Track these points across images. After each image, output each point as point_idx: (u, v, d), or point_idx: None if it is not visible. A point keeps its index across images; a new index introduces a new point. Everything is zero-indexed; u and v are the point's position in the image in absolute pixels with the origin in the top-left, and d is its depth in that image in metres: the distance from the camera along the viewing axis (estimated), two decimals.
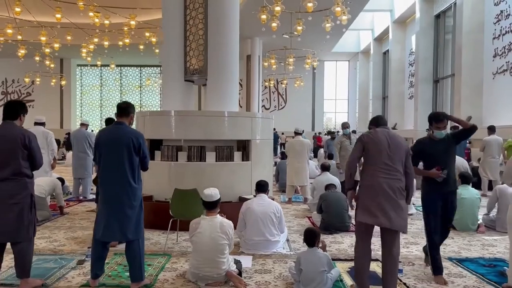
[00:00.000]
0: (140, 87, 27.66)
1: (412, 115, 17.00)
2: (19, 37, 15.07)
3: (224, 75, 5.81)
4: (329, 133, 12.52)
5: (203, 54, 5.84)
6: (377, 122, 3.40)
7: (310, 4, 10.23)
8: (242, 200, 5.19)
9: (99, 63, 20.46)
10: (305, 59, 17.32)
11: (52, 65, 21.39)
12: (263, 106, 25.06)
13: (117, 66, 23.58)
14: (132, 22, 13.35)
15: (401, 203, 3.06)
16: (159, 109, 26.51)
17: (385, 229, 3.04)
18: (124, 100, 27.10)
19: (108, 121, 6.50)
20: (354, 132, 15.41)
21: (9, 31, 13.22)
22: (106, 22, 13.34)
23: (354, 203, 3.15)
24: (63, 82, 23.51)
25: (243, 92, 21.76)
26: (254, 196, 5.43)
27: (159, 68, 26.90)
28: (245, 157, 5.63)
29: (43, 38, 14.53)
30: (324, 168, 6.31)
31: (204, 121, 5.55)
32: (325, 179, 6.18)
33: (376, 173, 3.08)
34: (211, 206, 3.33)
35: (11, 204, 3.13)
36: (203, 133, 5.48)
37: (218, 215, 3.35)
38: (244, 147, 5.66)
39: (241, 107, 24.56)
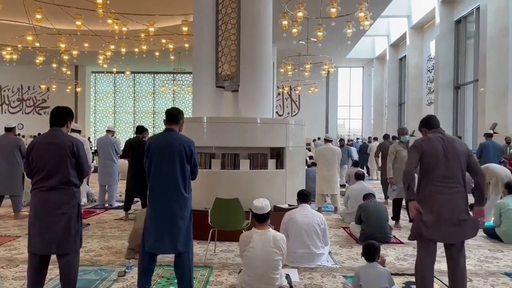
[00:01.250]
0: (154, 93, 27.72)
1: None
2: (37, 44, 15.17)
3: (257, 80, 5.68)
4: (341, 141, 12.23)
5: (235, 60, 5.73)
6: (429, 123, 3.22)
7: (333, 10, 10.13)
8: (277, 210, 5.03)
9: (114, 70, 20.53)
10: (322, 65, 17.19)
11: (68, 72, 21.58)
12: (276, 112, 24.94)
13: (131, 72, 23.69)
14: (151, 29, 13.36)
15: (464, 215, 2.90)
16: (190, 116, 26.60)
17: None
18: (137, 106, 27.21)
19: (139, 129, 6.42)
20: (376, 139, 15.17)
21: (29, 38, 13.29)
22: (124, 29, 13.37)
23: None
24: (78, 89, 23.66)
25: None
26: (289, 205, 5.33)
27: (172, 75, 26.98)
28: (279, 165, 5.47)
29: (62, 45, 14.62)
30: (358, 177, 6.13)
31: (237, 128, 5.41)
32: (360, 188, 6.00)
33: (434, 188, 2.92)
34: (262, 219, 3.18)
35: (59, 214, 3.01)
36: (236, 140, 5.34)
37: (270, 228, 3.19)
38: (278, 154, 5.51)
39: None
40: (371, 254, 3.02)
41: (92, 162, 8.23)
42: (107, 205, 7.18)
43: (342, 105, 26.35)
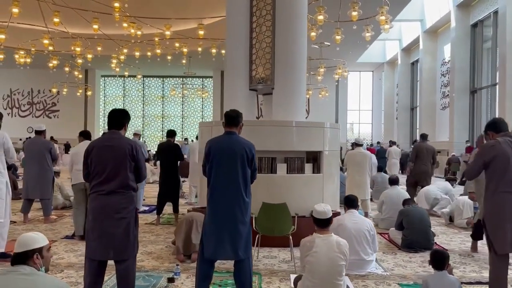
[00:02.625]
0: (163, 97, 27.74)
1: (445, 126, 16.63)
2: (50, 48, 15.17)
3: (292, 83, 5.60)
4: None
5: (270, 62, 5.66)
6: (497, 127, 3.13)
7: (355, 13, 10.08)
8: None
9: (126, 73, 20.54)
10: (335, 69, 17.13)
11: (80, 76, 21.62)
12: None
13: (142, 76, 23.74)
14: (167, 33, 13.34)
15: None
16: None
17: None
18: (146, 109, 27.19)
19: (170, 133, 6.36)
20: (394, 143, 15.04)
21: (46, 41, 13.29)
22: (138, 32, 13.35)
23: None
24: (89, 93, 23.70)
25: None
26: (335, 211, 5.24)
27: (181, 79, 26.98)
28: (316, 169, 5.39)
29: (78, 49, 14.63)
30: (393, 181, 6.03)
31: (273, 132, 5.33)
32: (395, 193, 5.90)
33: (504, 193, 2.84)
34: (325, 224, 3.08)
35: (118, 219, 2.93)
36: (272, 144, 5.26)
37: (332, 233, 3.10)
38: (314, 158, 5.43)
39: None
40: (440, 262, 2.93)
41: None
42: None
43: (352, 109, 26.28)
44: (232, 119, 3.14)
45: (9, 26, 13.01)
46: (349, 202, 4.13)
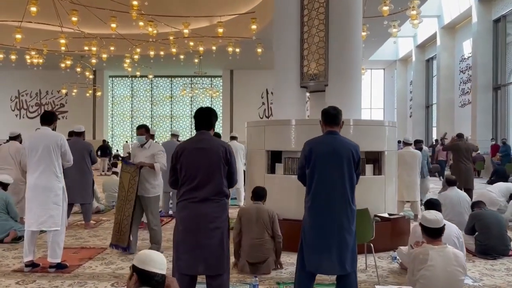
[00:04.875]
0: (171, 97, 27.42)
1: (465, 124, 16.34)
2: (63, 48, 14.86)
3: (347, 79, 5.31)
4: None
5: (323, 58, 5.36)
6: None
7: (386, 8, 9.79)
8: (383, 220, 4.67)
9: (138, 73, 20.25)
10: None
11: (91, 76, 21.34)
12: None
13: (154, 76, 23.44)
14: (185, 31, 13.04)
15: None
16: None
17: None
18: (154, 110, 26.86)
19: (216, 134, 6.07)
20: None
21: (62, 41, 12.99)
22: (154, 31, 13.05)
23: None
24: (98, 93, 23.38)
25: None
26: (389, 215, 4.96)
27: (190, 79, 26.69)
28: (377, 170, 5.09)
29: (94, 49, 14.33)
30: (451, 182, 5.73)
31: None
32: (455, 194, 5.60)
33: None
34: (437, 234, 2.79)
35: (212, 229, 2.64)
36: None
37: (447, 244, 2.81)
38: (374, 159, 5.13)
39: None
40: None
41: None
42: (171, 212, 6.80)
43: (363, 108, 25.96)
44: (333, 117, 2.84)
45: (20, 26, 12.72)
46: (432, 207, 3.83)
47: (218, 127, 26.41)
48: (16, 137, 6.02)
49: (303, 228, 2.78)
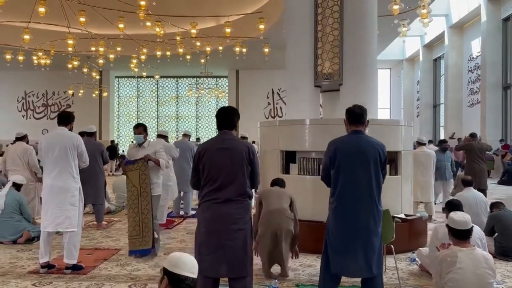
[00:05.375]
0: (177, 98, 27.44)
1: (473, 124, 16.19)
2: (70, 49, 14.87)
3: (362, 78, 5.25)
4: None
5: (338, 57, 5.30)
6: None
7: (396, 7, 9.71)
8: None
9: (144, 73, 20.25)
10: None
11: (98, 77, 21.38)
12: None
13: (160, 77, 23.44)
14: (193, 31, 13.01)
15: None
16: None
17: None
18: (160, 110, 26.84)
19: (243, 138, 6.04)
20: (431, 141, 14.55)
21: (70, 42, 13.00)
22: (162, 32, 13.03)
23: None
24: (104, 94, 23.44)
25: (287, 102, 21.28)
26: (406, 215, 4.89)
27: (195, 79, 26.69)
28: (393, 171, 5.02)
29: (101, 49, 14.34)
30: (467, 183, 5.64)
31: (344, 131, 4.95)
32: (471, 195, 5.50)
33: None
34: (466, 235, 2.72)
35: (235, 230, 2.59)
36: None
37: (475, 246, 2.74)
38: (390, 159, 5.05)
39: (280, 117, 24.12)
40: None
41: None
42: (182, 213, 6.76)
43: None
44: (358, 116, 2.78)
45: (28, 27, 12.74)
46: (453, 207, 3.76)
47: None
48: (22, 138, 6.00)
49: (328, 230, 2.73)
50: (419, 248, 4.13)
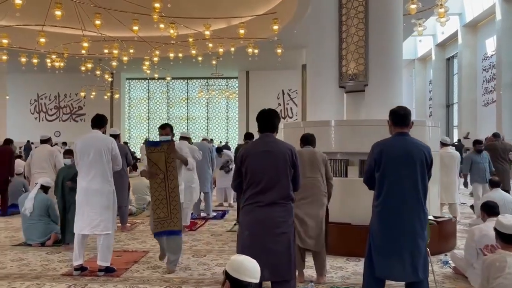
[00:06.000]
0: (187, 99, 27.54)
1: (488, 123, 16.01)
2: (83, 51, 14.99)
3: (388, 79, 5.21)
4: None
5: (363, 57, 5.27)
6: None
7: (413, 6, 9.63)
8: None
9: (156, 75, 20.36)
10: None
11: (110, 79, 21.52)
12: None
13: (164, 79, 23.54)
14: (207, 32, 13.04)
15: None
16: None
17: None
18: (170, 111, 26.92)
19: (248, 135, 6.03)
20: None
21: (85, 44, 13.11)
22: (175, 33, 13.07)
23: None
24: (116, 96, 23.61)
25: (298, 102, 21.30)
26: (434, 217, 4.83)
27: (206, 80, 26.76)
28: None
29: (115, 51, 14.43)
30: (495, 184, 5.56)
31: (372, 132, 4.90)
32: (499, 196, 5.42)
33: None
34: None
35: (278, 234, 2.58)
36: (371, 145, 4.85)
37: None
38: None
39: (291, 117, 24.09)
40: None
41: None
42: (204, 214, 6.76)
43: None
44: (402, 117, 2.74)
45: (43, 30, 12.87)
46: (491, 209, 3.72)
47: (234, 129, 26.43)
48: (47, 140, 6.05)
49: (372, 233, 2.69)
50: (453, 251, 4.08)
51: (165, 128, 4.30)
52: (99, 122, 3.87)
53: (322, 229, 3.57)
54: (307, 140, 3.87)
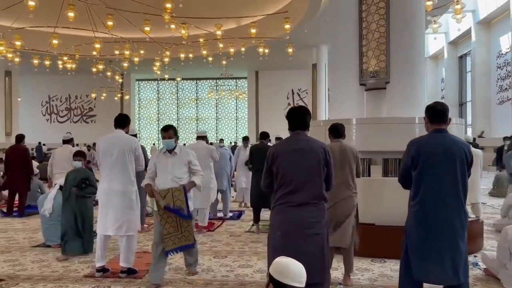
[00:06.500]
0: (197, 99, 27.57)
1: (504, 121, 15.75)
2: (94, 53, 15.03)
3: (410, 76, 5.09)
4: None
5: (384, 54, 5.15)
6: None
7: (429, 3, 9.49)
8: None
9: (166, 76, 20.39)
10: None
11: (120, 80, 21.61)
12: None
13: (174, 79, 23.59)
14: (218, 32, 12.99)
15: None
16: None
17: None
18: (180, 112, 26.91)
19: (264, 134, 5.97)
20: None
21: (97, 45, 13.14)
22: (186, 34, 13.04)
23: None
24: (126, 97, 23.71)
25: (308, 101, 21.19)
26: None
27: (215, 81, 26.76)
28: None
29: (127, 52, 14.46)
30: None
31: (395, 130, 4.81)
32: None
33: None
34: None
35: (311, 235, 2.49)
36: (397, 143, 4.74)
37: None
38: None
39: None
40: None
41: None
42: (221, 215, 6.68)
43: None
44: (440, 113, 2.63)
45: (55, 32, 12.93)
46: None
47: (243, 129, 26.38)
48: (69, 141, 6.03)
49: (408, 234, 2.59)
50: (483, 251, 3.96)
51: (168, 131, 3.66)
52: (122, 121, 3.82)
53: (349, 227, 3.46)
54: (338, 131, 3.57)
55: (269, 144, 6.33)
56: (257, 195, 5.69)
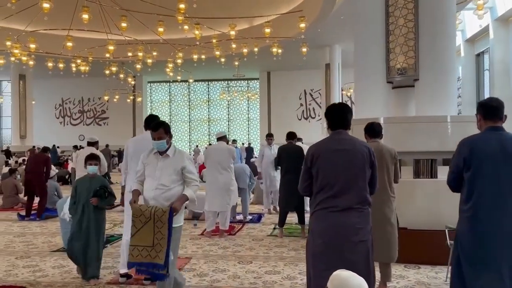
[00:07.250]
0: (208, 101, 27.50)
1: None
2: (107, 55, 15.02)
3: (440, 73, 4.87)
4: None
5: (413, 50, 4.94)
6: None
7: None
8: None
9: (179, 77, 20.34)
10: None
11: (133, 82, 21.64)
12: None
13: (186, 81, 23.54)
14: (232, 32, 12.86)
15: None
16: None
17: None
18: (192, 114, 26.87)
19: (291, 135, 5.82)
20: None
21: (111, 47, 13.11)
22: (199, 35, 12.94)
23: None
24: (139, 99, 23.73)
25: (321, 102, 20.94)
26: None
27: (226, 82, 26.66)
28: None
29: (140, 54, 14.43)
30: None
31: (426, 129, 4.60)
32: None
33: None
34: None
35: (356, 243, 2.30)
36: (428, 143, 4.54)
37: None
38: None
39: (313, 118, 23.68)
40: None
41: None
42: (240, 218, 6.51)
43: None
44: (495, 110, 2.43)
45: (69, 34, 12.94)
46: None
47: (255, 130, 26.21)
48: (94, 143, 5.96)
49: (460, 241, 2.38)
50: None
51: (158, 130, 2.93)
52: (152, 122, 3.67)
53: (394, 239, 3.26)
54: (375, 131, 3.32)
55: (297, 144, 6.16)
56: (285, 198, 5.51)
